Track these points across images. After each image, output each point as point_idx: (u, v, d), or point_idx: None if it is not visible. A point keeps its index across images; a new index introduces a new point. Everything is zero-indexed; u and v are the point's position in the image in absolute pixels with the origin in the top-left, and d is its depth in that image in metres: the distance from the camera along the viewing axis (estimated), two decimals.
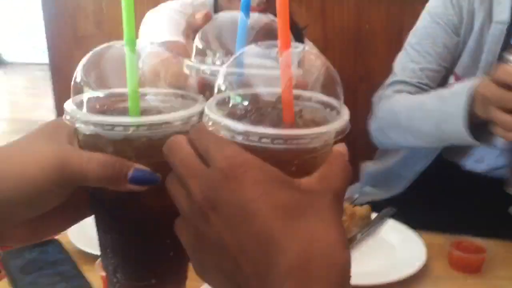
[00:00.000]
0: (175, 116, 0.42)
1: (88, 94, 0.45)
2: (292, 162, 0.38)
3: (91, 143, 0.43)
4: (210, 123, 0.38)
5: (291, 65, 0.38)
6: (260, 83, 0.41)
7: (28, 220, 0.44)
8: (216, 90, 0.41)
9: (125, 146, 0.42)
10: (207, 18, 0.61)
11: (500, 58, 1.12)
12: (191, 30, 0.64)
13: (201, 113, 0.41)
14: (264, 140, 0.36)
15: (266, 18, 0.57)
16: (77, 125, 0.43)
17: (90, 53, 0.46)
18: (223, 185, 0.35)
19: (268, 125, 0.37)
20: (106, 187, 0.42)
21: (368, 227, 1.04)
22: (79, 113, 0.43)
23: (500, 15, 1.13)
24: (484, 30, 1.15)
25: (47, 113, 4.29)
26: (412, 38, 1.27)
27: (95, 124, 0.41)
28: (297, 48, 0.41)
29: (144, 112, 0.44)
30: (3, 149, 0.44)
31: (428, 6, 1.27)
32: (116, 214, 0.46)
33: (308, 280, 0.33)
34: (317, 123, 0.40)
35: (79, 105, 0.44)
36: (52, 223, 0.47)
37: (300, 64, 0.41)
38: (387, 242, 1.03)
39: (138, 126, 0.41)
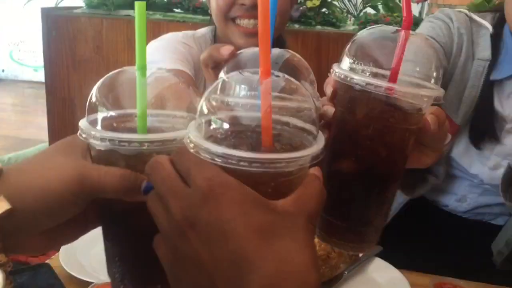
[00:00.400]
0: (184, 133, 0.45)
1: (100, 113, 0.48)
2: (269, 184, 0.40)
3: (104, 158, 0.47)
4: (191, 145, 0.40)
5: (271, 92, 0.41)
6: (241, 108, 0.43)
7: (44, 230, 0.47)
8: (198, 113, 0.43)
9: (136, 160, 0.45)
10: (233, 54, 0.65)
11: (482, 94, 1.17)
12: (212, 61, 0.68)
13: None
14: (242, 163, 0.38)
15: (287, 53, 0.61)
16: (92, 141, 0.46)
17: (105, 77, 0.49)
18: (202, 205, 0.37)
19: (247, 149, 0.39)
20: (118, 199, 0.46)
21: (355, 264, 1.05)
22: (95, 130, 0.46)
23: (482, 52, 1.17)
24: (467, 66, 1.18)
25: (37, 131, 4.27)
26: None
27: (111, 140, 0.45)
28: (278, 76, 0.44)
29: (148, 130, 0.47)
30: (23, 164, 0.48)
31: (423, 26, 1.25)
32: (126, 223, 0.49)
33: None
34: (294, 147, 0.42)
35: (92, 123, 0.48)
36: (64, 234, 0.50)
37: (280, 92, 0.43)
38: (373, 281, 1.05)
39: (152, 142, 0.45)
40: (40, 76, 5.94)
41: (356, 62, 0.56)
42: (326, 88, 0.60)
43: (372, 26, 0.59)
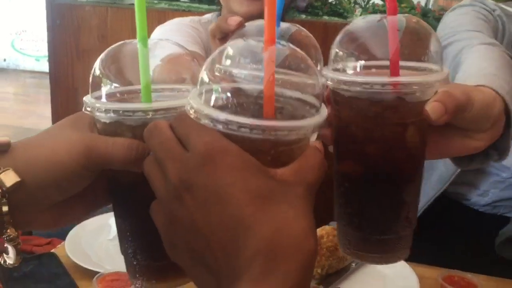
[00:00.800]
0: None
1: (104, 88, 0.48)
2: (269, 152, 0.39)
3: (111, 131, 0.47)
4: (192, 111, 0.40)
5: (275, 60, 0.39)
6: (243, 77, 0.42)
7: (53, 205, 0.47)
8: (198, 82, 0.42)
9: (143, 131, 0.44)
10: (241, 24, 0.64)
11: None
12: (219, 32, 0.67)
13: None
14: (243, 129, 0.37)
15: (294, 27, 0.59)
16: (98, 114, 0.46)
17: (107, 49, 0.49)
18: (200, 169, 0.37)
19: (248, 117, 0.38)
20: (126, 171, 0.46)
21: None
22: (100, 103, 0.46)
23: None
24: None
25: (39, 120, 4.26)
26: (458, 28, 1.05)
27: (116, 111, 0.45)
28: (283, 45, 0.43)
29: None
30: (32, 138, 0.48)
31: (461, 11, 1.15)
32: (135, 197, 0.48)
33: (274, 264, 0.34)
34: (296, 119, 0.41)
35: (97, 99, 0.47)
36: (73, 210, 0.50)
37: (284, 61, 0.42)
38: (381, 273, 1.04)
39: (156, 110, 0.45)
40: (42, 65, 5.95)
41: (344, 59, 0.52)
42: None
43: (355, 20, 0.55)
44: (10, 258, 0.46)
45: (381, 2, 2.19)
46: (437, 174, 1.25)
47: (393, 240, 0.54)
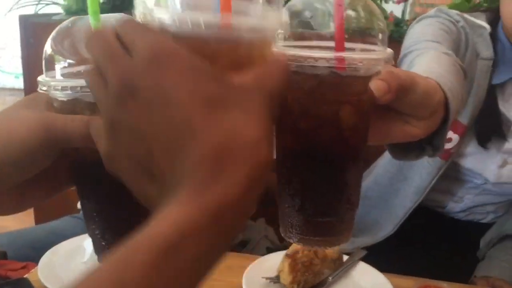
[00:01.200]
0: None
1: (58, 65, 0.48)
2: (227, 57, 0.37)
3: (68, 109, 0.46)
4: (141, 16, 0.37)
5: None
6: None
7: (13, 188, 0.47)
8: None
9: None
10: None
11: (487, 95, 1.16)
12: None
13: None
14: (195, 28, 0.35)
15: None
16: (54, 92, 0.45)
17: (57, 28, 0.49)
18: (145, 71, 0.34)
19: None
20: (88, 150, 0.44)
21: (340, 270, 1.05)
22: (55, 81, 0.46)
23: (484, 51, 1.16)
24: (472, 66, 1.17)
25: None
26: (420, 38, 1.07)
27: (73, 87, 0.44)
28: None
29: None
30: None
31: (426, 22, 1.16)
32: (99, 176, 0.46)
33: (219, 172, 0.32)
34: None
35: (52, 78, 0.47)
36: (35, 193, 0.50)
37: None
38: (358, 285, 1.04)
39: None
40: (21, 83, 5.86)
41: (288, 35, 0.51)
42: None
43: None
44: None
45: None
46: (413, 186, 1.27)
47: (335, 222, 0.53)
